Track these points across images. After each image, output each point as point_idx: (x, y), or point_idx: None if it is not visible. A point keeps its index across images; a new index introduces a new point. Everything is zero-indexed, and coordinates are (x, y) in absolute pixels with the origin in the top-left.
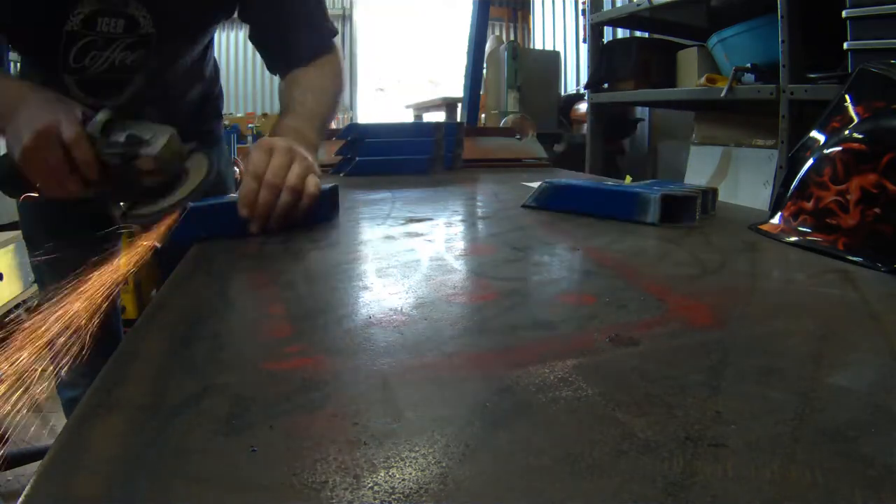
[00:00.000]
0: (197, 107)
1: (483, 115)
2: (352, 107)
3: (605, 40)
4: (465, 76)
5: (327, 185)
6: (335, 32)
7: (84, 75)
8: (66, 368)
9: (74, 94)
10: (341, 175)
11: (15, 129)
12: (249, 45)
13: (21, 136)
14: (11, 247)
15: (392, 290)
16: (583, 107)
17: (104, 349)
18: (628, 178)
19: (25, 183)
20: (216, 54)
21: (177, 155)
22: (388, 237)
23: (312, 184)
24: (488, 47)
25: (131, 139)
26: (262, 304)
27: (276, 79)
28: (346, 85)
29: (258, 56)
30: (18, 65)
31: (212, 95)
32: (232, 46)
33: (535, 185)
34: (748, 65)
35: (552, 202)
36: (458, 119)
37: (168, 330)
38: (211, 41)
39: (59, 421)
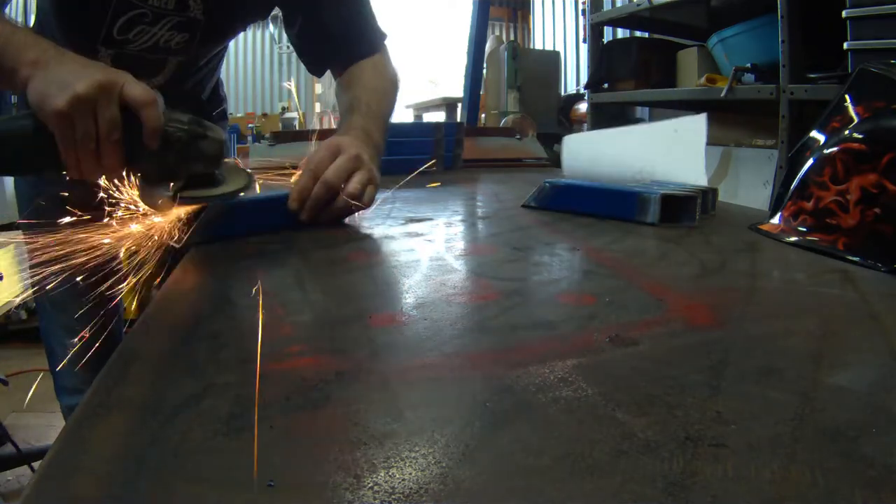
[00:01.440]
0: (206, 106)
1: (483, 115)
2: None
3: (605, 40)
4: (465, 76)
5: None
6: (384, 36)
7: (123, 49)
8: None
9: None
10: None
11: (53, 80)
12: (249, 45)
13: (70, 85)
14: (11, 247)
15: (392, 290)
16: (583, 107)
17: (105, 353)
18: None
19: (41, 158)
20: None
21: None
22: (388, 237)
23: (369, 195)
24: (488, 47)
25: (195, 121)
26: (262, 304)
27: (276, 79)
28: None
29: (258, 56)
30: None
31: (219, 97)
32: (231, 46)
33: (536, 185)
34: (748, 65)
35: (552, 202)
36: (458, 119)
37: (168, 330)
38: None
39: (60, 421)
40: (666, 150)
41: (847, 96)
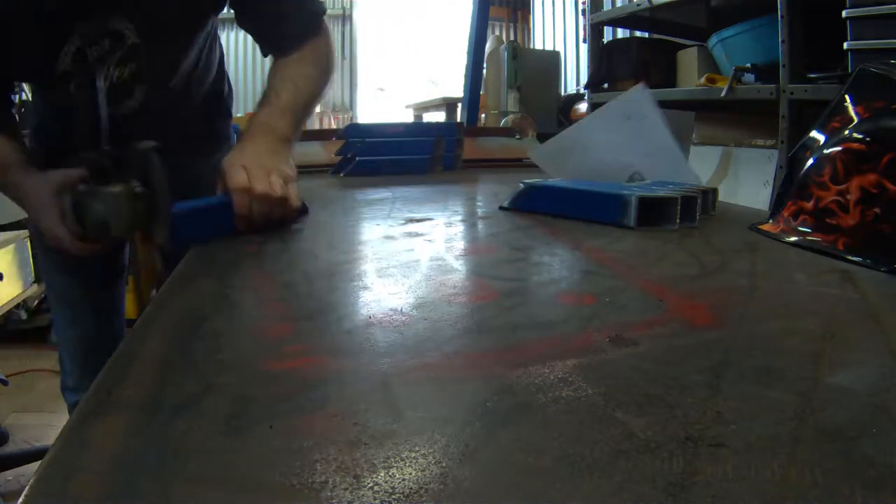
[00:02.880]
0: (205, 107)
1: (483, 115)
2: (352, 107)
3: (605, 40)
4: (465, 76)
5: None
6: (322, 11)
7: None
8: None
9: None
10: (341, 175)
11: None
12: (250, 45)
13: (38, 221)
14: (11, 247)
15: (392, 290)
16: (583, 107)
17: (108, 351)
18: None
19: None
20: None
21: (131, 208)
22: (388, 237)
23: (293, 193)
24: (488, 47)
25: (95, 222)
26: (262, 304)
27: None
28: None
29: (259, 56)
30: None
31: (220, 94)
32: (233, 46)
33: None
34: (748, 65)
35: (529, 204)
36: (458, 119)
37: (168, 330)
38: (212, 40)
39: (60, 421)
40: (635, 137)
41: (847, 96)
